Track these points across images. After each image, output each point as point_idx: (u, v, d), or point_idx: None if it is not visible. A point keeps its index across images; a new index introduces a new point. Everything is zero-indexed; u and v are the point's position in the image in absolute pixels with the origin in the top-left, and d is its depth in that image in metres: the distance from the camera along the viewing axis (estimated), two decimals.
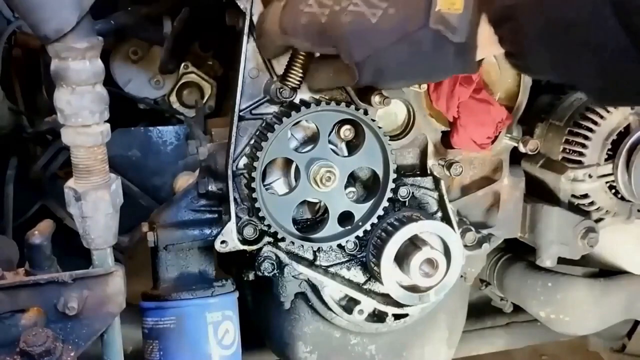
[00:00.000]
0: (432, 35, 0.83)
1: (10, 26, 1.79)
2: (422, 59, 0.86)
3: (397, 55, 0.87)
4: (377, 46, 0.87)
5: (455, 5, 0.82)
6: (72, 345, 0.93)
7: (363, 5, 0.87)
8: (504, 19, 0.81)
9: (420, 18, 0.83)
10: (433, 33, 0.83)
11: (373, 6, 0.86)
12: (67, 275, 0.93)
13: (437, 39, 0.84)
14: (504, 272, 1.66)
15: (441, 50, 0.84)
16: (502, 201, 1.35)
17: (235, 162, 1.12)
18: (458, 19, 0.82)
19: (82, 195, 0.91)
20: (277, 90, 1.08)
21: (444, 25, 0.83)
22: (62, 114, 0.88)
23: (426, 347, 1.43)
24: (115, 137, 1.11)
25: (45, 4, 0.82)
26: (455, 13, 0.82)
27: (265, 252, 1.17)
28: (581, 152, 1.36)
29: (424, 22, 0.83)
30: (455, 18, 0.82)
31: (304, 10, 0.93)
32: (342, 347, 1.36)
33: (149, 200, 1.83)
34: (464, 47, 0.84)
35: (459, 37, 0.83)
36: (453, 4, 0.82)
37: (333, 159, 1.12)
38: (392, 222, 1.19)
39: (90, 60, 0.87)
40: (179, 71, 1.95)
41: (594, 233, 1.41)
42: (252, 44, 1.08)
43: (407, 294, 1.21)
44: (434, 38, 0.84)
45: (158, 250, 1.18)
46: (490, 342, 1.89)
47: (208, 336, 1.16)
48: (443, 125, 1.25)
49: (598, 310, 1.61)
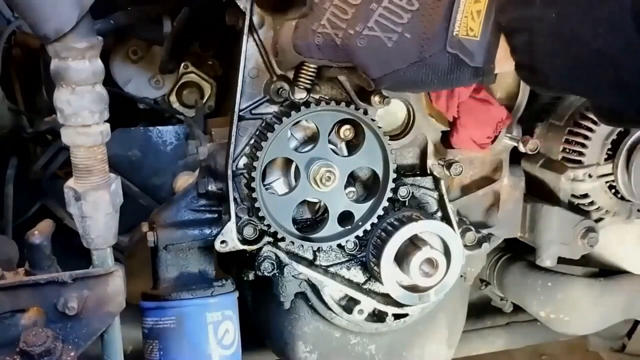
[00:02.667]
0: (450, 57, 0.83)
1: (10, 26, 1.79)
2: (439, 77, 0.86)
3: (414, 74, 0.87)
4: (391, 68, 0.87)
5: (474, 31, 0.81)
6: (72, 345, 0.93)
7: (378, 30, 0.86)
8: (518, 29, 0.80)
9: (438, 42, 0.83)
10: (450, 56, 0.83)
11: (389, 31, 0.86)
12: (67, 275, 0.93)
13: (454, 61, 0.84)
14: (503, 271, 1.66)
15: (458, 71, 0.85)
16: (502, 201, 1.35)
17: (235, 162, 1.12)
18: (476, 45, 0.82)
19: (82, 195, 0.91)
20: (277, 90, 1.09)
21: (461, 50, 0.82)
22: (62, 114, 0.88)
23: (426, 347, 1.43)
24: (115, 137, 1.12)
25: (45, 4, 0.82)
26: (473, 39, 0.82)
27: (265, 252, 1.17)
28: (581, 151, 1.36)
29: (441, 47, 0.83)
30: (473, 44, 0.82)
31: (318, 30, 0.91)
32: (342, 347, 1.36)
33: (149, 200, 1.83)
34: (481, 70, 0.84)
35: (477, 62, 0.83)
36: (471, 29, 0.81)
37: (333, 158, 1.12)
38: (392, 222, 1.19)
39: (90, 60, 0.87)
40: (179, 71, 1.96)
41: (594, 233, 1.41)
42: (252, 44, 1.08)
43: (407, 293, 1.21)
44: (451, 60, 0.84)
45: (158, 250, 1.18)
46: (490, 342, 1.89)
47: (208, 336, 1.16)
48: (443, 125, 1.25)
49: (598, 310, 1.61)
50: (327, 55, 0.93)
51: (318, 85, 1.13)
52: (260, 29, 1.08)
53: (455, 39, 0.82)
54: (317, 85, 1.12)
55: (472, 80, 0.86)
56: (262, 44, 1.08)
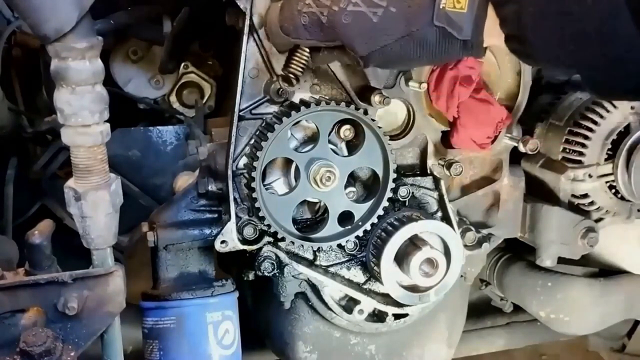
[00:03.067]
0: (437, 31, 0.83)
1: (10, 26, 1.79)
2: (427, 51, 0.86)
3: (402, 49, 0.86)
4: (378, 44, 0.87)
5: (460, 4, 0.81)
6: (72, 345, 0.93)
7: (363, 5, 0.86)
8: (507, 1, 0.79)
9: (424, 15, 0.83)
10: (438, 29, 0.83)
11: (373, 5, 0.86)
12: (67, 275, 0.93)
13: (442, 35, 0.83)
14: (503, 271, 1.66)
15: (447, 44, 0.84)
16: (502, 201, 1.35)
17: (235, 162, 1.12)
18: (462, 17, 0.82)
19: (82, 195, 0.91)
20: (277, 90, 1.09)
21: (448, 23, 0.82)
22: (62, 114, 0.88)
23: (426, 347, 1.43)
24: (115, 137, 1.12)
25: (45, 4, 0.82)
26: (460, 12, 0.81)
27: (265, 252, 1.17)
28: (581, 151, 1.36)
29: (428, 20, 0.83)
30: (460, 17, 0.82)
31: (303, 10, 0.92)
32: (342, 346, 1.36)
33: (149, 200, 1.83)
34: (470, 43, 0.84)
35: (465, 35, 0.82)
36: (458, 2, 0.81)
37: (333, 158, 1.12)
38: (392, 222, 1.19)
39: (90, 60, 0.87)
40: (179, 71, 1.96)
41: (594, 233, 1.41)
42: (252, 44, 1.08)
43: (407, 293, 1.21)
44: (439, 34, 0.83)
45: (158, 250, 1.18)
46: (490, 342, 1.89)
47: (208, 336, 1.16)
48: (443, 125, 1.25)
49: (598, 310, 1.60)
50: (314, 35, 0.93)
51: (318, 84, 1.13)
52: (260, 29, 1.08)
53: (442, 12, 0.82)
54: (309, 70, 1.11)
55: (461, 53, 0.86)
56: (262, 44, 1.08)
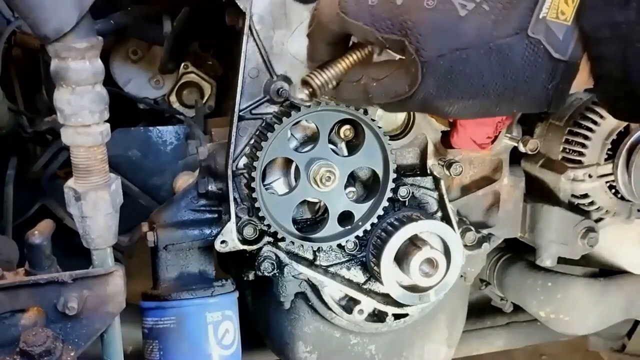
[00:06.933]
0: (529, 45, 0.69)
1: (10, 26, 1.79)
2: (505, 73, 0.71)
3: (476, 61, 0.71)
4: (455, 45, 0.71)
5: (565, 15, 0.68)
6: (72, 345, 0.93)
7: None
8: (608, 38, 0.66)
9: (519, 22, 0.69)
10: (530, 42, 0.69)
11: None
12: (67, 275, 0.92)
13: (532, 50, 0.69)
14: (503, 271, 1.66)
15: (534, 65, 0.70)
16: (502, 201, 1.35)
17: (235, 162, 1.12)
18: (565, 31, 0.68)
19: (82, 195, 0.91)
20: (277, 90, 1.08)
21: (546, 35, 0.68)
22: (62, 114, 0.88)
23: (426, 347, 1.43)
24: (115, 137, 1.12)
25: (45, 4, 0.82)
26: (563, 24, 0.68)
27: (265, 252, 1.17)
28: (581, 151, 1.36)
29: (522, 27, 0.69)
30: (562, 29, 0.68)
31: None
32: (342, 347, 1.36)
33: (149, 200, 1.83)
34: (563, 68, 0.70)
35: (562, 54, 0.69)
36: (563, 13, 0.68)
37: (333, 158, 1.12)
38: (392, 221, 1.19)
39: (90, 60, 0.87)
40: (179, 71, 1.96)
41: (594, 233, 1.41)
42: (252, 43, 1.08)
43: (407, 293, 1.21)
44: (529, 48, 0.70)
45: (158, 250, 1.18)
46: (490, 342, 1.89)
47: (208, 336, 1.16)
48: (443, 125, 1.25)
49: (598, 310, 1.60)
50: (378, 20, 0.77)
51: None
52: (260, 29, 1.07)
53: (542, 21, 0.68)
54: None
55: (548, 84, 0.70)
56: (262, 44, 1.08)
